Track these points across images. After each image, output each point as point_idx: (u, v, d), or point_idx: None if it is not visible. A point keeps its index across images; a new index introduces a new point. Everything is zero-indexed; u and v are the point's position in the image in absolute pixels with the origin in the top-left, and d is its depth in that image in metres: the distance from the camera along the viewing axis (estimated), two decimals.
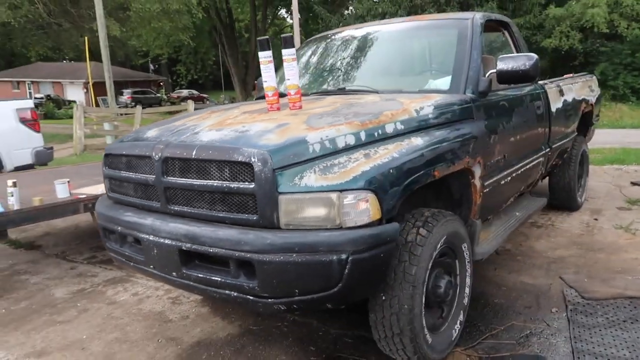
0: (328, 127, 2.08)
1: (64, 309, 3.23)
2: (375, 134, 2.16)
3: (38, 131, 6.36)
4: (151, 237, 2.23)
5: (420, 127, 2.36)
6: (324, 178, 1.92)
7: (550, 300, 3.06)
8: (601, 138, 10.34)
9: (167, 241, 2.16)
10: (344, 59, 3.50)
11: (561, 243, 4.05)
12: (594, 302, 2.98)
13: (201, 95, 40.50)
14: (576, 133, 4.56)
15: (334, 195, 1.89)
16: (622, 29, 18.73)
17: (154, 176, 2.24)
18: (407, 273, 2.13)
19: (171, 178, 2.18)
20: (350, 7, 24.33)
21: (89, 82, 30.71)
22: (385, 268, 2.06)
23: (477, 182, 2.66)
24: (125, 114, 14.24)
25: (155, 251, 2.24)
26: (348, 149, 2.05)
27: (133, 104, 33.80)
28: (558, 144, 4.04)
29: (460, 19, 3.22)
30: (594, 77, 5.50)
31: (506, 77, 2.82)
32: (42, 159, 6.22)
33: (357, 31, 3.61)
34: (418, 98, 2.59)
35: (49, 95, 35.88)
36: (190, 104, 10.95)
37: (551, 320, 2.81)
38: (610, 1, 18.94)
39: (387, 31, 3.48)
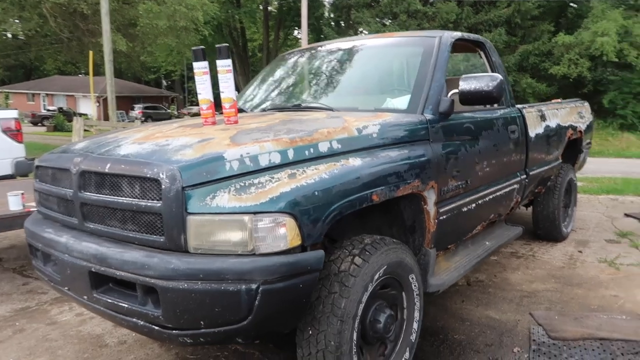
0: (251, 144, 1.93)
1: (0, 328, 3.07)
2: (306, 152, 2.00)
3: (20, 142, 6.28)
4: (65, 257, 2.07)
5: (361, 147, 2.19)
6: (238, 199, 1.76)
7: (514, 339, 2.83)
8: (604, 167, 10.12)
9: (78, 261, 2.01)
10: (308, 75, 3.37)
11: (539, 276, 3.81)
12: (561, 342, 2.74)
13: None
14: (560, 160, 4.35)
15: (246, 218, 1.73)
16: (632, 58, 18.55)
17: (72, 191, 2.10)
18: (335, 306, 1.94)
19: (87, 193, 2.03)
20: (360, 29, 24.49)
21: (101, 96, 31.21)
22: (305, 300, 1.87)
23: (430, 208, 2.48)
24: (124, 128, 14.29)
25: (68, 271, 2.09)
26: (271, 167, 1.89)
27: (143, 118, 34.24)
28: (537, 170, 3.84)
29: (427, 37, 3.08)
30: (586, 104, 5.30)
31: (468, 98, 2.66)
32: (22, 169, 6.12)
33: (325, 47, 3.49)
34: (366, 117, 2.43)
35: (61, 108, 36.46)
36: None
37: None
38: (621, 30, 18.80)
39: (354, 48, 3.34)
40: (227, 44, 2.21)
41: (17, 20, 16.24)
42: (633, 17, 19.07)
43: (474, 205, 2.91)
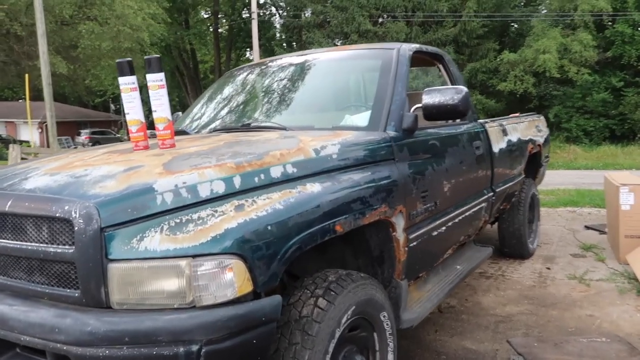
0: (189, 171, 1.61)
1: None
2: (256, 179, 1.70)
3: None
4: None
5: (320, 170, 1.91)
6: (173, 239, 1.42)
7: None
8: (556, 179, 10.30)
9: None
10: (258, 92, 3.08)
11: (511, 297, 3.63)
12: None
13: None
14: (524, 175, 4.24)
15: (183, 263, 1.40)
16: (573, 74, 19.42)
17: None
18: None
19: None
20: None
21: (43, 122, 29.63)
22: (261, 357, 1.55)
23: (399, 235, 2.22)
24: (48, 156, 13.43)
25: None
26: (214, 199, 1.57)
27: (90, 144, 32.75)
28: (503, 187, 3.69)
29: (384, 49, 2.87)
30: (542, 117, 5.28)
31: (433, 113, 2.44)
32: None
33: (277, 62, 3.22)
34: (324, 135, 2.16)
35: None
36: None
37: None
38: (560, 47, 19.69)
39: (308, 62, 3.09)
40: (158, 55, 1.89)
41: None
42: (571, 35, 20.05)
43: (444, 228, 2.68)
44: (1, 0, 11.67)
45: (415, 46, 3.02)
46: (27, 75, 11.96)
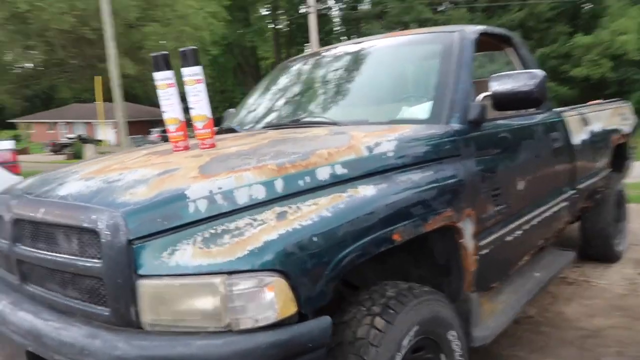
0: (225, 175, 1.44)
1: None
2: (301, 182, 1.50)
3: (17, 174, 5.97)
4: (2, 328, 1.61)
5: (373, 170, 1.69)
6: (206, 253, 1.26)
7: None
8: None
9: (14, 336, 1.54)
10: (310, 84, 2.89)
11: (599, 307, 3.21)
12: None
13: None
14: (609, 169, 3.77)
15: (217, 280, 1.24)
16: None
17: (7, 243, 1.64)
18: None
19: (22, 247, 1.58)
20: None
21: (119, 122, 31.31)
22: None
23: (467, 242, 1.95)
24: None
25: (7, 349, 1.62)
26: (253, 206, 1.40)
27: (162, 142, 34.10)
28: (586, 183, 3.28)
29: (445, 32, 2.59)
30: (628, 104, 4.70)
31: (503, 101, 2.15)
32: None
33: (331, 52, 3.02)
34: (379, 131, 1.93)
35: (80, 135, 36.82)
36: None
37: None
38: None
39: (362, 50, 2.85)
40: (194, 47, 1.74)
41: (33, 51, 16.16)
42: None
43: (519, 232, 2.37)
44: (73, 7, 12.29)
45: (480, 28, 2.69)
46: (97, 78, 12.57)
